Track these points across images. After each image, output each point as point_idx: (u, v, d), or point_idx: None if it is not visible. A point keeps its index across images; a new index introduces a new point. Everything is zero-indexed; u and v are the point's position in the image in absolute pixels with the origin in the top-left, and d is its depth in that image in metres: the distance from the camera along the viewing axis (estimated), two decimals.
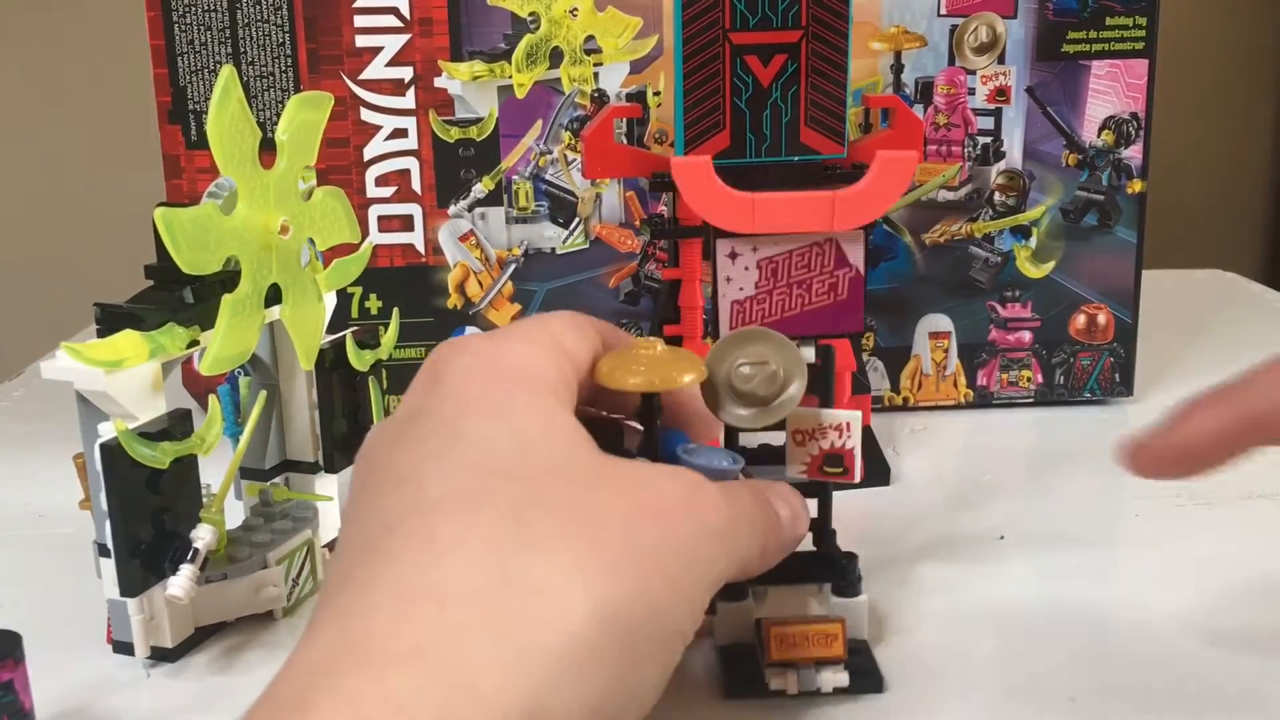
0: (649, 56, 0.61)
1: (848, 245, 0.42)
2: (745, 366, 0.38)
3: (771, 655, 0.37)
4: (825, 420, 0.39)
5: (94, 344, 0.37)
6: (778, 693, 0.38)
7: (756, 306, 0.42)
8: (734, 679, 0.38)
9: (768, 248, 0.42)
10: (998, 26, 0.62)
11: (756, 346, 0.38)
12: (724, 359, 0.38)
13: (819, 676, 0.38)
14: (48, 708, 0.38)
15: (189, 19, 0.60)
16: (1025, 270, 0.64)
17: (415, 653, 0.26)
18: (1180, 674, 0.39)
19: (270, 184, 0.40)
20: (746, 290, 0.42)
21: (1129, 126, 0.63)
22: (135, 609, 0.40)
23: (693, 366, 0.37)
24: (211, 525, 0.40)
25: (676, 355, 0.37)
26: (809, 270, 0.42)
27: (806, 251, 0.42)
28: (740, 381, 0.38)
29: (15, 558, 0.51)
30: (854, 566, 0.40)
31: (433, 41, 0.60)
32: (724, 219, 0.41)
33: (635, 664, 0.29)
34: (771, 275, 0.42)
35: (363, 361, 0.48)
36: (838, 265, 0.42)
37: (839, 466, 0.39)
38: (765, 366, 0.38)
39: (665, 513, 0.31)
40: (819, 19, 0.42)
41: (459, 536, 0.28)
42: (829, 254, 0.42)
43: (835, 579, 0.40)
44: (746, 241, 0.41)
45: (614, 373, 0.36)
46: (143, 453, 0.38)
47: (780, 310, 0.42)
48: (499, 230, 0.62)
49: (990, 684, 0.39)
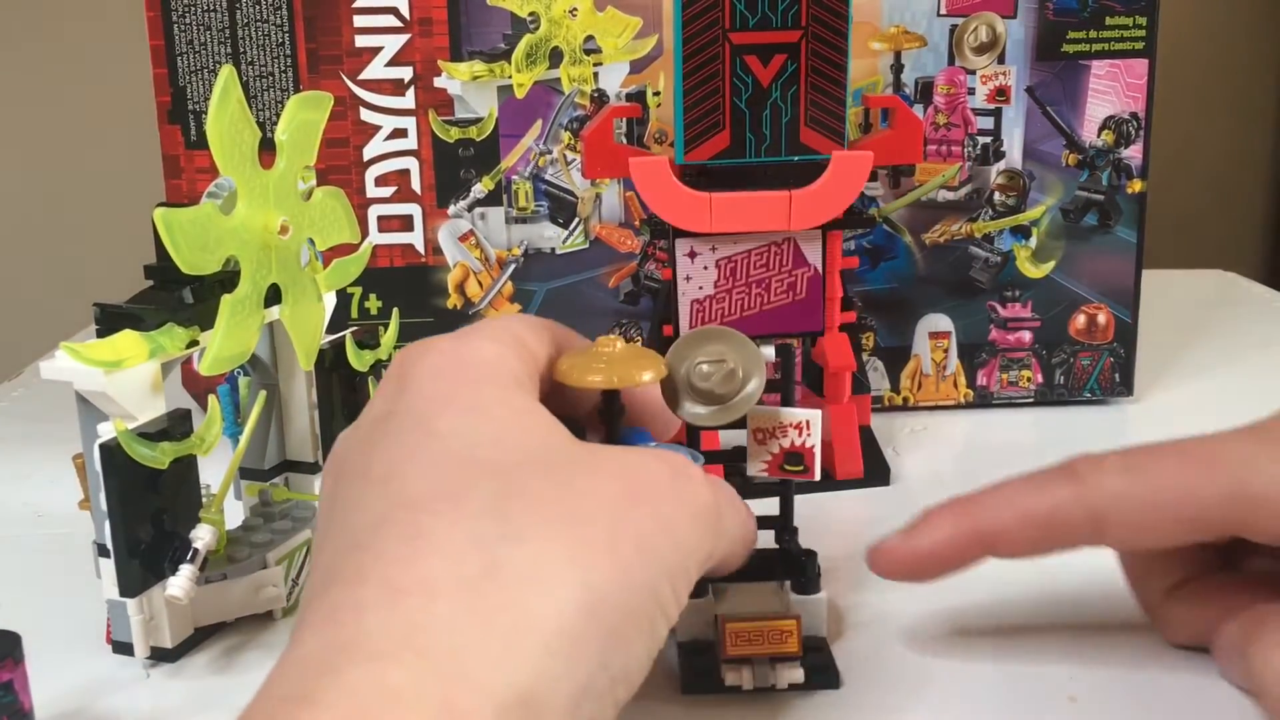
0: (649, 56, 0.61)
1: (806, 245, 0.43)
2: (704, 364, 0.38)
3: (727, 651, 0.37)
4: (785, 419, 0.39)
5: (94, 344, 0.37)
6: (733, 688, 0.38)
7: (716, 305, 0.43)
8: (690, 674, 0.39)
9: (726, 247, 0.42)
10: (998, 26, 0.62)
11: (715, 345, 0.39)
12: (683, 357, 0.39)
13: (773, 672, 0.38)
14: (48, 708, 0.38)
15: (189, 19, 0.60)
16: (1025, 270, 0.64)
17: (409, 644, 0.26)
18: (1184, 671, 0.39)
19: (270, 184, 0.40)
20: (706, 289, 0.42)
21: (1129, 126, 0.63)
22: (135, 609, 0.40)
23: (652, 364, 0.37)
24: (211, 525, 0.40)
25: (636, 353, 0.38)
26: (768, 270, 0.43)
27: (765, 251, 0.43)
28: (699, 379, 0.38)
29: (15, 558, 0.51)
30: (813, 563, 0.40)
31: (432, 41, 0.60)
32: (682, 218, 0.41)
33: (623, 644, 0.29)
34: (730, 275, 0.42)
35: (363, 361, 0.48)
36: (796, 265, 0.43)
37: (799, 465, 0.40)
38: (723, 365, 0.38)
39: (650, 495, 0.31)
40: (819, 19, 0.42)
41: (444, 530, 0.29)
42: (787, 253, 0.43)
43: (794, 576, 0.40)
44: (705, 241, 0.42)
45: (574, 370, 0.37)
46: (142, 453, 0.38)
47: (740, 309, 0.43)
48: (499, 230, 0.62)
49: (958, 682, 0.39)
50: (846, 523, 0.42)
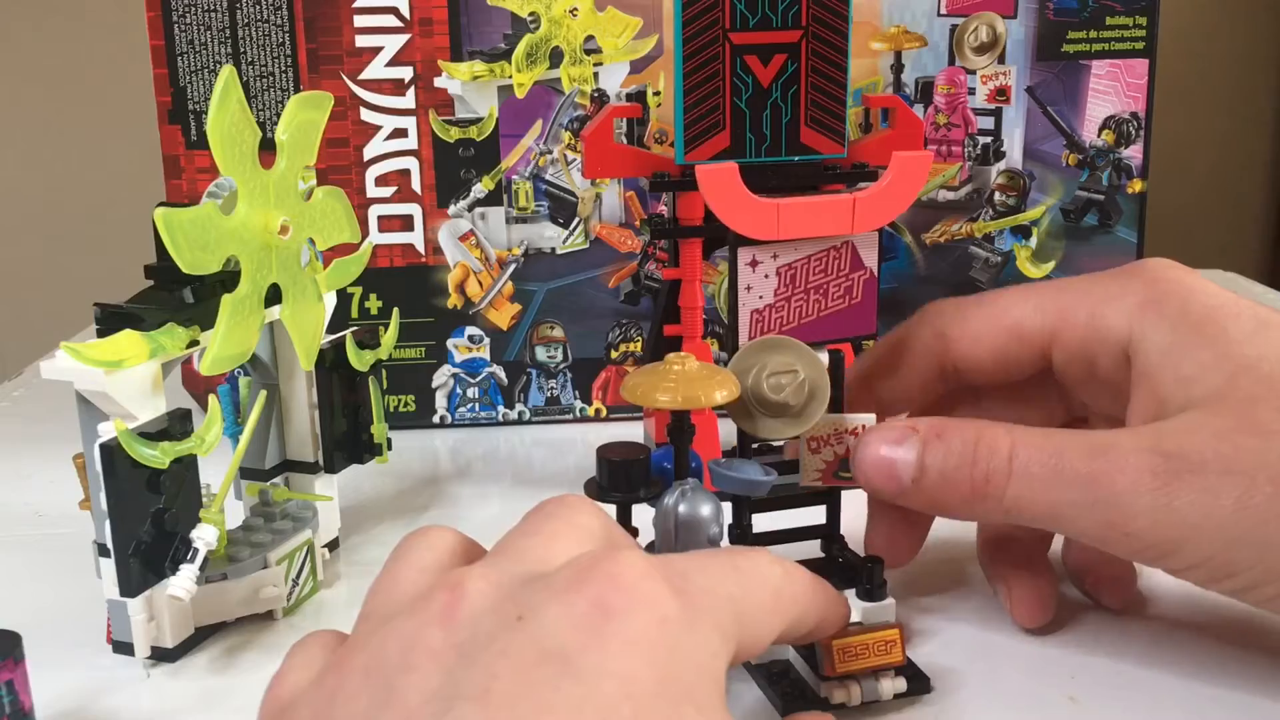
0: (649, 56, 0.61)
1: (863, 247, 0.42)
2: (778, 377, 0.38)
3: (835, 669, 0.36)
4: (842, 425, 0.39)
5: (94, 344, 0.37)
6: (839, 706, 0.36)
7: (775, 314, 0.41)
8: (788, 698, 0.37)
9: (787, 254, 0.41)
10: (998, 26, 0.62)
11: (781, 355, 0.38)
12: (746, 369, 0.38)
13: (879, 686, 0.36)
14: (48, 708, 0.38)
15: (189, 19, 0.60)
16: (1025, 270, 0.64)
17: None
18: (1185, 671, 0.39)
19: (270, 184, 0.40)
20: (766, 298, 0.41)
21: (1129, 126, 0.63)
22: (135, 609, 0.40)
23: (725, 383, 0.36)
24: (212, 525, 0.40)
25: (708, 371, 0.36)
26: (825, 275, 0.42)
27: (824, 256, 0.42)
28: (773, 391, 0.38)
29: (15, 558, 0.51)
30: (879, 569, 0.39)
31: (433, 41, 0.60)
32: (750, 226, 0.40)
33: None
34: (790, 282, 0.41)
35: (363, 361, 0.48)
36: (853, 268, 0.42)
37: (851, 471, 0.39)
38: (795, 375, 0.38)
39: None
40: (819, 19, 0.42)
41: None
42: (845, 257, 0.42)
43: (861, 583, 0.39)
44: (767, 249, 0.41)
45: (642, 389, 0.36)
46: (143, 453, 0.38)
47: (798, 317, 0.42)
48: (499, 230, 0.62)
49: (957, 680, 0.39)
50: (846, 522, 0.42)
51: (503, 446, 0.62)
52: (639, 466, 0.37)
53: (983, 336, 0.41)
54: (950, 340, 0.41)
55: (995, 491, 0.36)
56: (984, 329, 0.41)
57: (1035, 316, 0.40)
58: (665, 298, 0.51)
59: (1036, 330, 0.40)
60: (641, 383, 0.36)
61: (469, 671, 0.26)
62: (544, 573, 0.29)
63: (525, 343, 0.63)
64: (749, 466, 0.37)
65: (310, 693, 0.29)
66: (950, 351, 0.41)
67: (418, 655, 0.27)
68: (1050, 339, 0.40)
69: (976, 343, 0.41)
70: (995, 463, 0.36)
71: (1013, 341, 0.40)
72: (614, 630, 0.26)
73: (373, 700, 0.27)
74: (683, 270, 0.51)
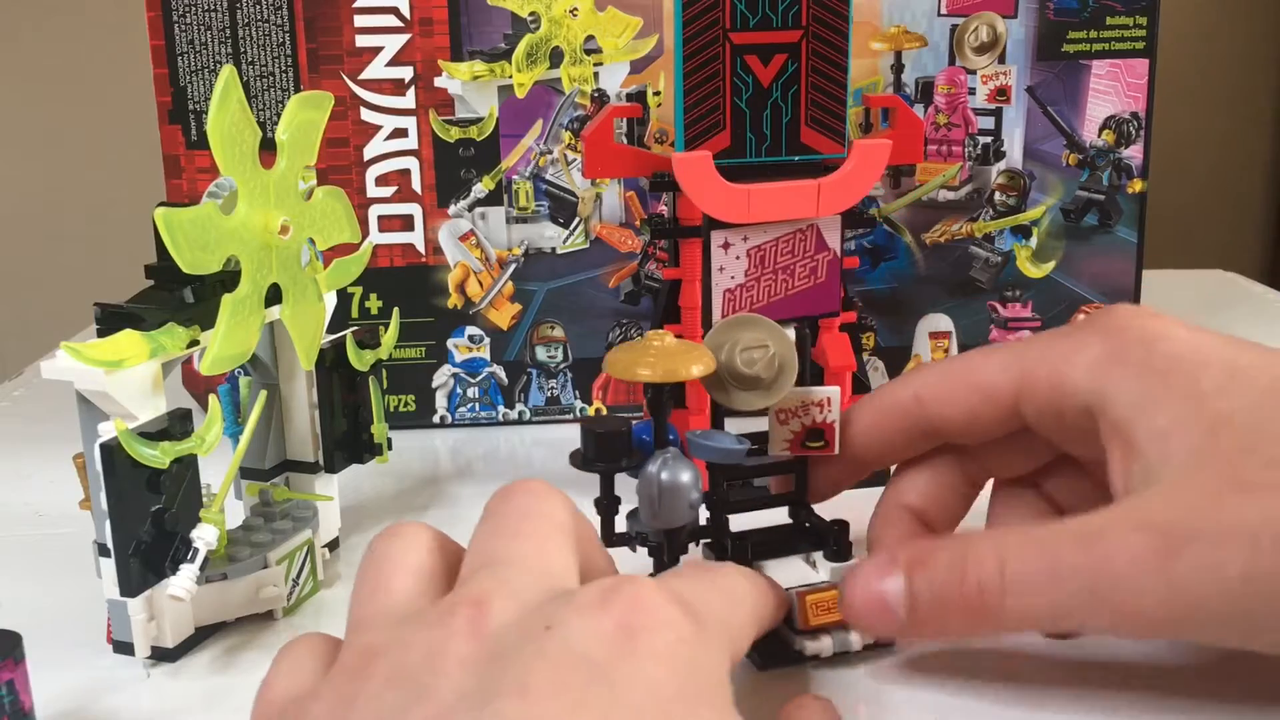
0: (649, 56, 0.61)
1: (827, 230, 0.45)
2: (750, 352, 0.40)
3: (809, 622, 0.38)
4: (808, 397, 0.41)
5: (94, 344, 0.37)
6: (812, 657, 0.39)
7: (746, 294, 0.44)
8: (764, 652, 0.39)
9: (756, 236, 0.44)
10: (998, 26, 0.62)
11: (752, 332, 0.41)
12: (719, 345, 0.40)
13: (849, 637, 0.39)
14: (48, 708, 0.38)
15: (189, 19, 0.59)
16: (1026, 270, 0.64)
17: None
18: (1182, 672, 0.39)
19: (270, 184, 0.40)
20: (737, 278, 0.44)
21: (1129, 126, 0.63)
22: (135, 609, 0.40)
23: (701, 358, 0.38)
24: (212, 525, 0.40)
25: (685, 347, 0.39)
26: (792, 256, 0.44)
27: (790, 238, 0.44)
28: (746, 365, 0.40)
29: (15, 558, 0.51)
30: (845, 533, 0.42)
31: (433, 41, 0.60)
32: (722, 210, 0.43)
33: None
34: (760, 263, 0.44)
35: (363, 361, 0.48)
36: (818, 249, 0.45)
37: (820, 440, 0.41)
38: (766, 350, 0.40)
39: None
40: (819, 19, 0.42)
41: None
42: (810, 239, 0.44)
43: (829, 546, 0.42)
44: (738, 231, 0.43)
45: (623, 363, 0.38)
46: (143, 452, 0.38)
47: (767, 295, 0.45)
48: (499, 230, 0.62)
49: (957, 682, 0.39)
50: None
51: (503, 446, 0.62)
52: (621, 438, 0.39)
53: (955, 398, 0.41)
54: (925, 402, 0.41)
55: (992, 602, 0.35)
56: (954, 390, 0.41)
57: (1000, 376, 0.40)
58: (665, 298, 0.51)
59: (1003, 390, 0.40)
60: (623, 358, 0.38)
61: (505, 671, 0.27)
62: (562, 589, 0.31)
63: (525, 343, 0.63)
64: (724, 437, 0.39)
65: (322, 697, 0.29)
66: (926, 413, 0.41)
67: (447, 663, 0.28)
68: (1016, 398, 0.39)
69: (949, 404, 0.41)
70: (985, 575, 0.35)
71: (983, 402, 0.40)
72: (640, 646, 0.28)
73: (404, 698, 0.28)
74: (683, 270, 0.51)
